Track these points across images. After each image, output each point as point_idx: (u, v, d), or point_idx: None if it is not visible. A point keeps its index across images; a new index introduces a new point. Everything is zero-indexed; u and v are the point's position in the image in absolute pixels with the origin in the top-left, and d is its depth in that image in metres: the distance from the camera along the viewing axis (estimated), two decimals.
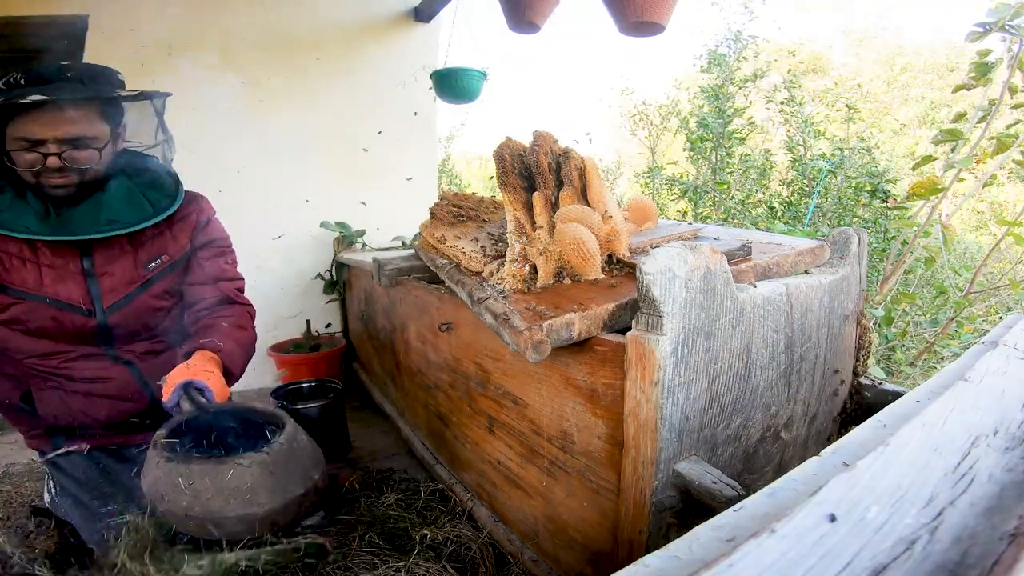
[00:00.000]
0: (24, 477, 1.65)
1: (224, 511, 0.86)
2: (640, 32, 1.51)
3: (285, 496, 0.91)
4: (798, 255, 1.07)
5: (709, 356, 0.81)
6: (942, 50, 9.88)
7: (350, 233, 2.62)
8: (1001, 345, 0.77)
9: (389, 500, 1.47)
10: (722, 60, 4.10)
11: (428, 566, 1.19)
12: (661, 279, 0.73)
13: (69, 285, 1.16)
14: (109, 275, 1.20)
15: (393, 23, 2.80)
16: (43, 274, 1.15)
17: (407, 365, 1.73)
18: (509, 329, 0.88)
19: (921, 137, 7.00)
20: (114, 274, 1.20)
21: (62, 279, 1.16)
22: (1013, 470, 0.47)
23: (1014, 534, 0.37)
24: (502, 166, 1.14)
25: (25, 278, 1.14)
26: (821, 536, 0.38)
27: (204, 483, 0.86)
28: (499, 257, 1.17)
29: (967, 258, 4.05)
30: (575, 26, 8.77)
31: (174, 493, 0.87)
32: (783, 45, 7.02)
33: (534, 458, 1.08)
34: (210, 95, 2.38)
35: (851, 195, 3.27)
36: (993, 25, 1.67)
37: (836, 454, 0.52)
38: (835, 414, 1.17)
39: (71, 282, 1.17)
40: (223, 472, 0.87)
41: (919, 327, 2.48)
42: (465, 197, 1.53)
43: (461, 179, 6.46)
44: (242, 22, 2.44)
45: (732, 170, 3.94)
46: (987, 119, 1.81)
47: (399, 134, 2.86)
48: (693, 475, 0.77)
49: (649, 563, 0.37)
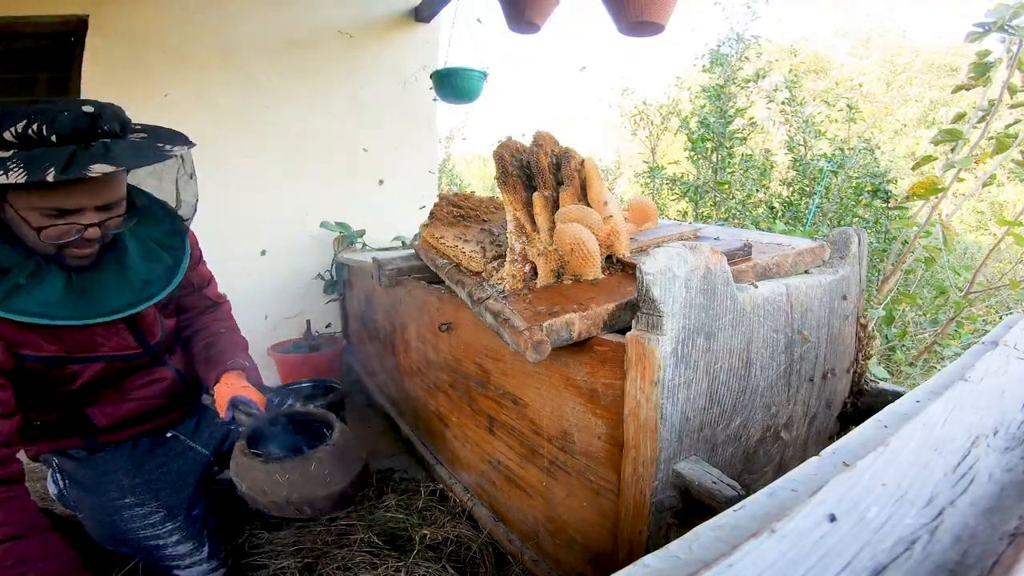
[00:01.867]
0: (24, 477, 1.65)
1: (315, 493, 1.10)
2: (640, 32, 1.51)
3: (350, 474, 1.15)
4: (798, 255, 1.07)
5: (709, 356, 0.81)
6: (943, 50, 9.89)
7: (350, 233, 2.62)
8: (1001, 345, 0.77)
9: (389, 500, 1.47)
10: (724, 60, 4.10)
11: (428, 566, 1.19)
12: (661, 279, 0.73)
13: (120, 338, 1.13)
14: (143, 317, 1.17)
15: (393, 23, 2.80)
16: (95, 335, 1.08)
17: (407, 365, 1.73)
18: (509, 329, 0.88)
19: (921, 137, 7.00)
20: (146, 314, 1.17)
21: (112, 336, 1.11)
22: (1013, 470, 0.47)
23: (1014, 534, 0.37)
24: (502, 166, 1.14)
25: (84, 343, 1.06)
26: (821, 536, 0.38)
27: (295, 474, 1.09)
28: (499, 257, 1.17)
29: (967, 258, 4.05)
30: (575, 26, 8.77)
31: (274, 487, 1.08)
32: (784, 45, 7.02)
33: (534, 458, 1.08)
34: (210, 95, 2.38)
35: (851, 195, 3.27)
36: (992, 25, 1.67)
37: (836, 454, 0.52)
38: (835, 414, 1.17)
39: (121, 336, 1.13)
40: (308, 463, 1.10)
41: (919, 327, 2.48)
42: (465, 197, 1.53)
43: (461, 179, 6.46)
44: (242, 22, 2.44)
45: (733, 170, 3.93)
46: (987, 119, 1.81)
47: (399, 134, 2.86)
48: (693, 475, 0.77)
49: (649, 563, 0.37)
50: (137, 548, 1.16)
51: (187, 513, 1.20)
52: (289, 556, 1.26)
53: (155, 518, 1.17)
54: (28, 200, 0.90)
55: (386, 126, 2.82)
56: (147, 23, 2.25)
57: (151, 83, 2.25)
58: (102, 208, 0.96)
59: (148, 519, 1.16)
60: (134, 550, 1.16)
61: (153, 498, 1.18)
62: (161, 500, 1.19)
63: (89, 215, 0.94)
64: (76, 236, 0.95)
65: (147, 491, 1.19)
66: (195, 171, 1.29)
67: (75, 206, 0.92)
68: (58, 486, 1.24)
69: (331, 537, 1.33)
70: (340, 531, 1.35)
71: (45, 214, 0.91)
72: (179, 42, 2.32)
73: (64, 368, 1.08)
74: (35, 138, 0.87)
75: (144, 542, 1.16)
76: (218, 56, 2.40)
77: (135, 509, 1.16)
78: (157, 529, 1.16)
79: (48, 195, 0.90)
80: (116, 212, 1.00)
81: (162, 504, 1.18)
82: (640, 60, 17.17)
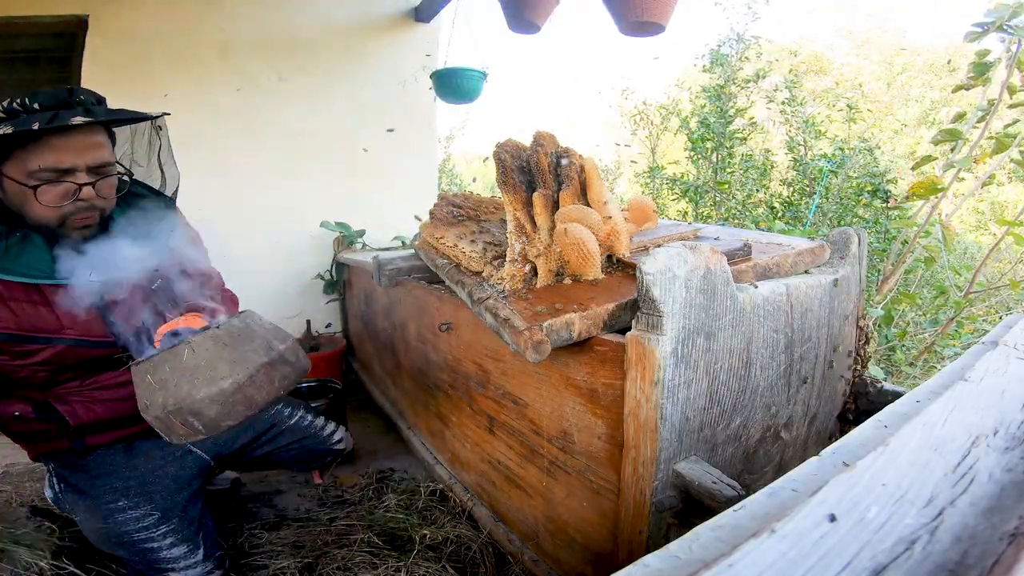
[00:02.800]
0: (24, 477, 1.65)
1: (192, 394, 0.84)
2: (640, 32, 1.51)
3: (247, 366, 0.88)
4: (798, 255, 1.07)
5: (709, 356, 0.81)
6: (943, 50, 9.88)
7: (350, 233, 2.62)
8: (1001, 345, 0.77)
9: (389, 500, 1.47)
10: (724, 60, 4.10)
11: (428, 566, 1.19)
12: (661, 279, 0.73)
13: (89, 323, 1.11)
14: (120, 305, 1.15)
15: (393, 23, 2.80)
16: (60, 317, 1.07)
17: (407, 365, 1.73)
18: (509, 329, 0.88)
19: (922, 137, 6.99)
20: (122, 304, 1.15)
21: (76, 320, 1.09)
22: (1013, 470, 0.47)
23: (1014, 534, 0.37)
24: (502, 166, 1.14)
25: (43, 322, 1.06)
26: (821, 536, 0.38)
27: (166, 370, 0.85)
28: (499, 257, 1.17)
29: (967, 258, 4.05)
30: (575, 26, 8.78)
31: (151, 395, 0.85)
32: (784, 45, 7.02)
33: (534, 458, 1.08)
34: (210, 95, 2.38)
35: (851, 195, 3.27)
36: (991, 25, 1.67)
37: (836, 454, 0.51)
38: (835, 414, 1.17)
39: (87, 322, 1.10)
40: (179, 354, 0.86)
41: (919, 327, 2.48)
42: (465, 197, 1.53)
43: (461, 179, 6.46)
44: (242, 22, 2.44)
45: (733, 170, 3.93)
46: (986, 119, 1.81)
47: (399, 134, 2.86)
48: (693, 475, 0.77)
49: (649, 563, 0.37)
50: (132, 551, 1.15)
51: (182, 515, 1.19)
52: (289, 556, 1.26)
53: (149, 521, 1.16)
54: (24, 165, 0.97)
55: (386, 126, 2.82)
56: (147, 23, 2.25)
57: (151, 83, 2.25)
58: (93, 170, 1.02)
59: (142, 522, 1.16)
60: (129, 552, 1.16)
61: (147, 501, 1.17)
62: (155, 503, 1.18)
63: (81, 176, 1.01)
64: (73, 197, 1.01)
65: (141, 494, 1.18)
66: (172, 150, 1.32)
67: (68, 165, 0.99)
68: (54, 490, 1.24)
69: (331, 537, 1.33)
70: (340, 531, 1.35)
71: (40, 178, 0.98)
72: (179, 42, 2.32)
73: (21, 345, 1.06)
74: (20, 110, 0.96)
75: (139, 544, 1.15)
76: (218, 56, 2.40)
77: (128, 512, 1.16)
78: (151, 532, 1.16)
79: (41, 155, 0.97)
80: (107, 175, 1.06)
81: (156, 507, 1.17)
82: (640, 60, 17.18)
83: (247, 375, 0.87)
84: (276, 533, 1.36)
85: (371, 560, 1.22)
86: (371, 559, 1.23)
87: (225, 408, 0.85)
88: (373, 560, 1.22)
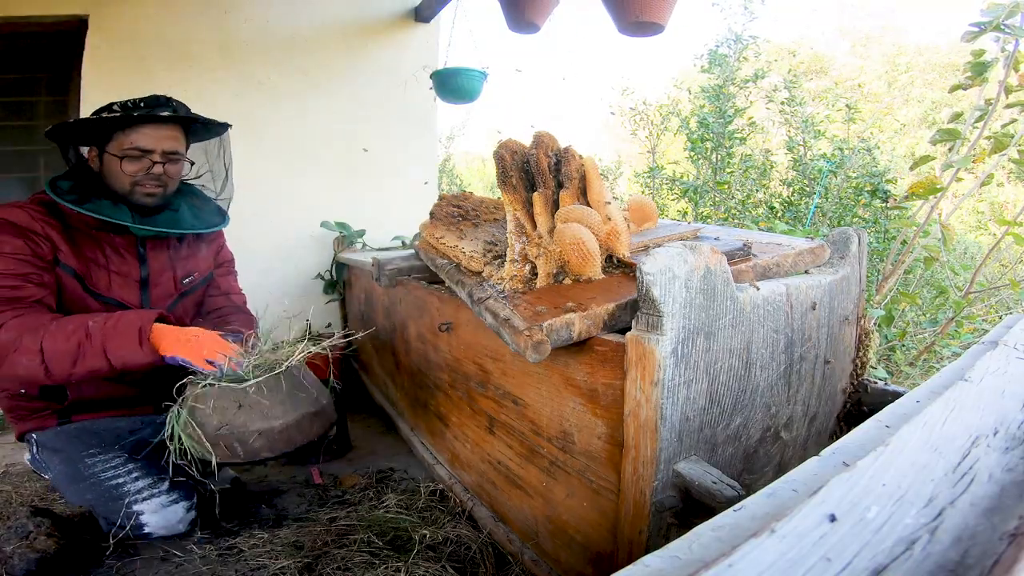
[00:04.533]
0: (24, 477, 1.65)
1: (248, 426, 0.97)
2: (640, 32, 1.51)
3: (297, 412, 1.02)
4: (798, 255, 1.07)
5: (709, 356, 0.81)
6: (944, 50, 9.88)
7: (350, 233, 2.62)
8: (1001, 345, 0.77)
9: (389, 500, 1.47)
10: (723, 60, 4.10)
11: (428, 566, 1.19)
12: (661, 279, 0.73)
13: (128, 292, 1.35)
14: (156, 286, 1.41)
15: (393, 23, 2.80)
16: (111, 280, 1.33)
17: (407, 365, 1.73)
18: (509, 329, 0.88)
19: (922, 137, 7.00)
20: (159, 285, 1.41)
21: (124, 286, 1.35)
22: (1013, 470, 0.47)
23: (1014, 534, 0.37)
24: (502, 166, 1.14)
25: (98, 282, 1.31)
26: (821, 536, 0.38)
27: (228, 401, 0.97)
28: (499, 257, 1.17)
29: (967, 258, 4.05)
30: (575, 26, 8.78)
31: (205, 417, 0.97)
32: (784, 45, 7.02)
33: (534, 458, 1.08)
34: (210, 95, 2.38)
35: (851, 195, 3.27)
36: (988, 25, 1.67)
37: (836, 454, 0.52)
38: (835, 414, 1.17)
39: (129, 289, 1.36)
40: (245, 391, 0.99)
41: (919, 327, 2.48)
42: (465, 197, 1.53)
43: (461, 179, 6.46)
44: (242, 22, 2.44)
45: (732, 170, 3.93)
46: (984, 118, 1.81)
47: (399, 134, 2.86)
48: (693, 475, 0.77)
49: (649, 563, 0.37)
50: (100, 491, 1.26)
51: (149, 457, 1.30)
52: (289, 556, 1.26)
53: (116, 461, 1.31)
54: (120, 143, 1.27)
55: (386, 126, 2.82)
56: (147, 23, 2.25)
57: (151, 83, 2.25)
58: (166, 154, 1.31)
59: (110, 462, 1.30)
60: (97, 494, 1.26)
61: (117, 445, 1.33)
62: (125, 448, 1.33)
63: (156, 156, 1.29)
64: (147, 171, 1.29)
65: (114, 442, 1.33)
66: None
67: (149, 146, 1.28)
68: (33, 454, 1.35)
69: (331, 537, 1.33)
70: (340, 531, 1.35)
71: (130, 154, 1.27)
72: (179, 42, 2.32)
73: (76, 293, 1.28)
74: (131, 106, 1.28)
75: (106, 483, 1.27)
76: (218, 56, 2.40)
77: (98, 456, 1.30)
78: (118, 470, 1.30)
79: (133, 137, 1.27)
80: (176, 162, 1.34)
81: (124, 450, 1.33)
82: (640, 60, 17.18)
83: (295, 419, 1.00)
84: (276, 533, 1.36)
85: (371, 560, 1.22)
86: (371, 559, 1.23)
87: (268, 443, 0.98)
88: (373, 560, 1.22)
